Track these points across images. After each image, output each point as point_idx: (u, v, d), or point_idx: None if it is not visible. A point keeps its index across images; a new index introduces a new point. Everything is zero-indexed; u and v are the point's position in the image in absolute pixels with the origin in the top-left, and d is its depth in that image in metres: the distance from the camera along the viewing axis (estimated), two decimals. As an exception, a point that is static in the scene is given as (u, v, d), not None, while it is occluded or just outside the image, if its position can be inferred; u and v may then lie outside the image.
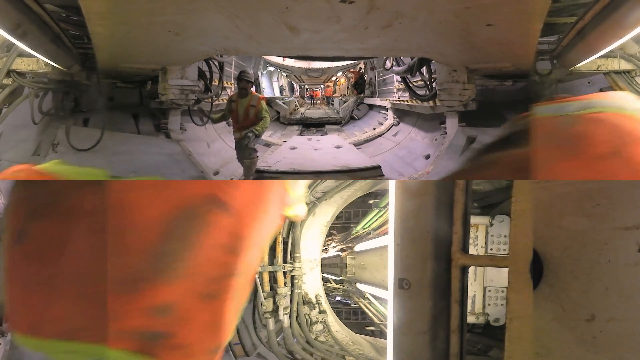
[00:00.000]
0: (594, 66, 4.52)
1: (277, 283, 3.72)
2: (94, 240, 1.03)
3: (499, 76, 5.10)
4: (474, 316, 3.67)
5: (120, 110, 5.70)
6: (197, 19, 3.62)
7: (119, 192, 1.06)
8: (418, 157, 7.40)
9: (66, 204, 1.08)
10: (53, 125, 4.99)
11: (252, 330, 3.80)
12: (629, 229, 1.41)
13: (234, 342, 3.73)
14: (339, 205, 4.38)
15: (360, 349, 4.12)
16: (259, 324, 3.75)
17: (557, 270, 1.58)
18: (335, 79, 25.27)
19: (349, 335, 4.35)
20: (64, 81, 4.76)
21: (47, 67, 4.37)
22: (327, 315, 4.21)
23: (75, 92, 5.03)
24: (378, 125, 11.07)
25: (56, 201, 1.09)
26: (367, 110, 14.34)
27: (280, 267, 3.72)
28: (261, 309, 3.67)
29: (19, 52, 4.35)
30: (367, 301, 7.22)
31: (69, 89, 4.91)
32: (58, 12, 4.01)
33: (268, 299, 3.73)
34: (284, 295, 3.75)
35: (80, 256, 1.03)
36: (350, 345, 4.12)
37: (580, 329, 1.49)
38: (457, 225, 2.03)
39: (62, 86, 4.84)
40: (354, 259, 6.97)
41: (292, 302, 3.86)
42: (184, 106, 5.65)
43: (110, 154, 4.80)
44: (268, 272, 3.77)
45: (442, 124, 6.83)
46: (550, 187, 1.63)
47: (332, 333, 4.14)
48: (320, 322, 4.04)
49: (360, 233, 7.06)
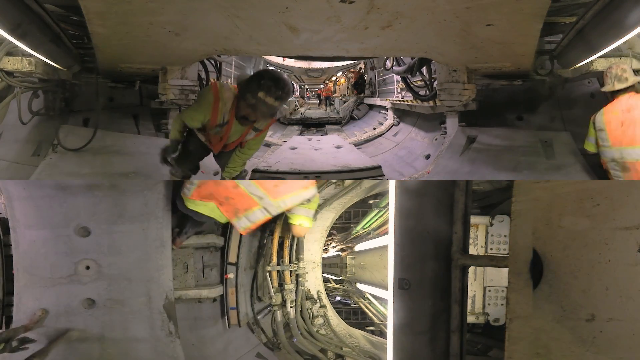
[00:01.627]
0: (606, 64, 4.47)
1: (285, 280, 4.31)
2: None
3: (499, 76, 5.10)
4: (474, 316, 3.68)
5: (120, 110, 5.70)
6: (197, 19, 3.62)
7: None
8: (418, 157, 7.40)
9: None
10: (53, 126, 4.99)
11: (249, 302, 4.34)
12: (629, 229, 1.41)
13: (230, 307, 4.17)
14: (338, 211, 4.81)
15: (356, 342, 4.61)
16: (255, 298, 4.35)
17: (557, 270, 1.57)
18: (335, 79, 25.26)
19: (347, 329, 4.82)
20: (52, 80, 4.74)
21: (31, 66, 4.30)
22: (327, 309, 4.75)
23: (64, 92, 5.00)
24: (378, 125, 11.07)
25: None
26: (367, 110, 14.34)
27: (287, 267, 4.31)
28: (270, 301, 4.29)
29: (6, 51, 4.28)
30: (367, 301, 7.23)
31: (57, 88, 4.88)
32: (58, 12, 4.02)
33: (277, 293, 4.31)
34: (290, 290, 4.33)
35: None
36: (347, 338, 4.63)
37: (580, 329, 1.48)
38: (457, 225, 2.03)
39: (50, 85, 4.82)
40: (354, 259, 6.99)
41: (296, 297, 4.39)
42: (184, 106, 5.64)
43: (110, 154, 4.80)
44: (277, 270, 4.30)
45: (442, 124, 6.83)
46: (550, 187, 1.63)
47: (332, 326, 4.66)
48: (320, 316, 4.58)
49: (360, 233, 7.07)
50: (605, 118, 3.49)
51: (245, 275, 4.32)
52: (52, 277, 3.69)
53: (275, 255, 4.30)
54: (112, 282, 3.74)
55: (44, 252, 3.69)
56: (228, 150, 3.82)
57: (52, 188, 3.68)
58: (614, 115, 3.40)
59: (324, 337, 4.45)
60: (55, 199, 3.67)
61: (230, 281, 4.17)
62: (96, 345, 3.73)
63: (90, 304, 3.74)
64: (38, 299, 3.71)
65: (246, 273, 4.35)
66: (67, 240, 3.68)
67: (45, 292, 3.70)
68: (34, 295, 3.71)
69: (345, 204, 4.84)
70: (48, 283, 3.70)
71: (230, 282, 4.18)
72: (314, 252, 4.92)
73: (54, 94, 4.95)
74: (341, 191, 4.51)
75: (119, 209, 3.74)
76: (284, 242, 4.35)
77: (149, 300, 3.83)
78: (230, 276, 4.15)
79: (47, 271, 3.69)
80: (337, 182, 4.47)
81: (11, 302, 3.87)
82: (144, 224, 3.81)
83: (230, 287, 4.19)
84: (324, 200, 4.54)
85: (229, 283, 4.19)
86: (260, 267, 4.38)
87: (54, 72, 4.60)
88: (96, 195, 3.71)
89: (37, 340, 3.43)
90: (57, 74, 4.63)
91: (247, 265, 4.34)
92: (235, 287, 4.20)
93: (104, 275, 3.73)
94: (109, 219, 3.72)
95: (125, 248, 3.77)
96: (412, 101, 8.37)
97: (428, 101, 7.01)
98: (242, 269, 4.23)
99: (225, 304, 4.24)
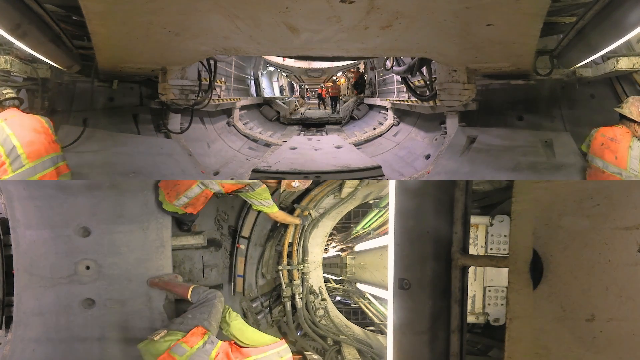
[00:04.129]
0: (630, 64, 4.50)
1: (293, 277, 4.91)
2: None
3: (499, 76, 5.10)
4: (474, 316, 3.67)
5: (120, 110, 5.70)
6: (197, 19, 3.62)
7: None
8: (418, 157, 7.40)
9: None
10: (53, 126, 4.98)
11: (254, 274, 4.80)
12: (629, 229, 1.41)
13: (238, 274, 4.63)
14: (336, 219, 5.49)
15: (351, 331, 5.29)
16: (260, 272, 4.88)
17: (557, 270, 1.57)
18: (335, 78, 25.27)
19: (343, 320, 5.50)
20: (32, 79, 4.72)
21: (7, 65, 4.27)
22: (327, 303, 5.37)
23: (47, 91, 4.97)
24: (378, 125, 11.07)
25: None
26: (367, 110, 14.34)
27: (295, 266, 4.90)
28: (282, 293, 4.87)
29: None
30: (367, 301, 7.23)
31: (37, 87, 4.83)
32: (58, 12, 4.01)
33: (287, 287, 4.87)
34: (297, 285, 4.90)
35: None
36: (344, 328, 5.32)
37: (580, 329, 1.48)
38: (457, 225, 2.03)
39: (31, 84, 4.81)
40: (354, 259, 7.02)
41: (302, 292, 4.95)
42: (184, 106, 5.64)
43: (110, 154, 4.80)
44: (287, 269, 4.88)
45: (442, 124, 6.82)
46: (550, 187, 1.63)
47: (331, 317, 5.28)
48: (321, 308, 5.17)
49: (360, 233, 7.07)
50: (597, 134, 4.20)
51: (255, 250, 4.79)
52: (52, 277, 3.69)
53: (286, 258, 4.87)
54: (112, 282, 3.75)
55: (44, 252, 3.69)
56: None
57: (52, 188, 3.67)
58: (602, 136, 4.15)
59: (325, 327, 5.10)
60: (55, 199, 3.67)
61: (241, 251, 4.62)
62: (96, 345, 3.73)
63: (90, 304, 3.74)
64: (38, 299, 3.71)
65: (255, 248, 4.80)
66: (67, 240, 3.68)
67: (45, 292, 3.70)
68: (34, 295, 3.71)
69: (342, 212, 5.43)
70: (48, 283, 3.70)
71: (240, 252, 4.62)
72: (315, 254, 5.43)
73: (36, 93, 4.91)
74: (339, 202, 5.12)
75: (119, 209, 3.75)
76: (293, 244, 4.93)
77: (149, 300, 3.83)
78: (241, 247, 4.62)
79: (47, 271, 3.69)
80: (335, 194, 4.98)
81: (11, 302, 3.87)
82: (144, 224, 3.81)
83: (240, 257, 4.62)
84: (325, 210, 5.14)
85: (239, 252, 4.62)
86: (269, 246, 4.90)
87: (32, 71, 4.59)
88: (96, 195, 3.71)
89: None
90: (37, 73, 4.62)
91: (257, 242, 4.80)
92: (245, 257, 4.64)
93: (104, 275, 3.73)
94: (109, 219, 3.72)
95: (125, 248, 3.77)
96: (412, 101, 8.37)
97: (428, 101, 7.01)
98: (253, 243, 4.71)
99: (233, 271, 4.61)
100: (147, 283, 3.82)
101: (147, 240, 3.81)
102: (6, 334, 4.05)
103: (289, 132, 12.80)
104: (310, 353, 4.43)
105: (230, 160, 8.00)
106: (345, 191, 4.95)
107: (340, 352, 4.90)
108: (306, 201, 4.80)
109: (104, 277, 3.73)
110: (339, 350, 4.93)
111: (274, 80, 23.29)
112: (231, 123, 10.01)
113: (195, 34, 3.93)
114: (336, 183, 4.92)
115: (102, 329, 3.73)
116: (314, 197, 4.82)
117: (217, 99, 8.52)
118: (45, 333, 3.71)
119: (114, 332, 3.75)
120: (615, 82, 5.24)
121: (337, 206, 5.16)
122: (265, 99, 15.62)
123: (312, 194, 4.80)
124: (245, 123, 10.93)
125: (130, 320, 3.78)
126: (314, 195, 4.80)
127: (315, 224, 5.11)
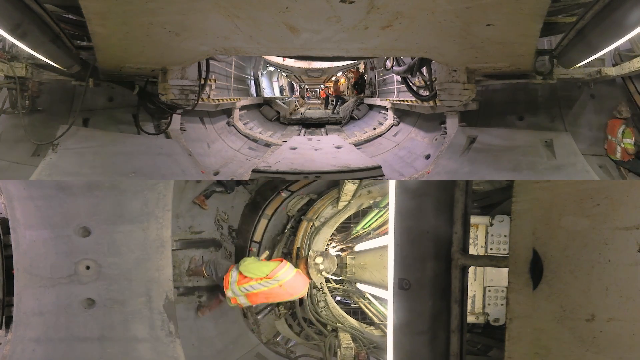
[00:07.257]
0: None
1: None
2: None
3: (499, 76, 5.10)
4: (474, 316, 3.67)
5: (120, 110, 5.70)
6: (197, 19, 3.62)
7: None
8: (418, 157, 7.40)
9: None
10: (53, 126, 4.99)
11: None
12: (629, 229, 1.40)
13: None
14: (333, 226, 5.89)
15: (346, 321, 5.89)
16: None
17: (557, 270, 1.57)
18: (335, 78, 25.25)
19: (340, 312, 6.04)
20: (11, 77, 4.71)
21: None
22: (327, 296, 5.93)
23: (27, 89, 4.96)
24: (378, 125, 11.07)
25: None
26: (367, 110, 14.34)
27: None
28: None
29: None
30: (367, 301, 7.22)
31: (17, 86, 4.83)
32: (58, 12, 4.01)
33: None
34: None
35: None
36: (342, 319, 5.88)
37: (580, 329, 1.48)
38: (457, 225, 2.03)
39: (10, 83, 4.79)
40: (354, 259, 7.02)
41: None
42: (184, 106, 5.64)
43: (110, 154, 4.80)
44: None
45: (442, 124, 6.83)
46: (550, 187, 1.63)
47: (330, 309, 5.84)
48: (322, 301, 5.81)
49: (360, 233, 7.06)
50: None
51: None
52: (52, 277, 3.69)
53: (295, 256, 5.35)
54: (112, 282, 3.74)
55: (44, 252, 3.69)
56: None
57: (52, 188, 3.67)
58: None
59: (326, 317, 5.73)
60: (55, 199, 3.66)
61: (252, 254, 5.13)
62: (96, 345, 3.73)
63: (90, 304, 3.74)
64: (38, 299, 3.71)
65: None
66: (67, 240, 3.68)
67: (45, 292, 3.70)
68: (34, 295, 3.71)
69: (339, 220, 5.84)
70: (48, 283, 3.69)
71: (252, 254, 5.09)
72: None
73: (12, 91, 4.90)
74: (337, 213, 5.64)
75: (119, 209, 3.74)
76: (301, 246, 5.49)
77: (149, 300, 3.83)
78: (253, 250, 5.18)
79: (47, 271, 3.69)
80: (334, 205, 5.48)
81: (11, 302, 3.87)
82: (144, 224, 3.81)
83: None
84: (326, 219, 5.63)
85: (251, 255, 5.09)
86: (277, 249, 5.40)
87: (8, 69, 4.58)
88: (96, 195, 3.71)
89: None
90: (13, 71, 4.61)
91: (267, 245, 5.32)
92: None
93: (104, 275, 3.73)
94: (109, 219, 3.72)
95: (125, 248, 3.76)
96: (412, 101, 8.37)
97: (428, 101, 7.01)
98: (263, 247, 5.24)
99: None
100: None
101: (147, 240, 3.80)
102: (6, 334, 4.05)
103: (289, 132, 12.79)
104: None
105: (230, 160, 8.00)
106: (341, 204, 5.50)
107: (337, 337, 5.58)
108: (311, 213, 5.44)
109: (104, 277, 3.73)
110: (336, 335, 5.58)
111: (274, 80, 23.28)
112: (231, 123, 10.02)
113: (195, 34, 3.93)
114: (334, 195, 5.43)
115: (102, 329, 3.73)
116: (317, 210, 5.44)
117: (206, 97, 8.42)
118: (45, 333, 3.70)
119: (114, 332, 3.75)
120: (627, 80, 5.24)
121: (337, 216, 5.72)
122: (265, 99, 15.61)
123: (315, 207, 5.45)
124: (245, 123, 10.93)
125: (130, 320, 3.78)
126: (317, 207, 5.45)
127: (317, 231, 5.62)
